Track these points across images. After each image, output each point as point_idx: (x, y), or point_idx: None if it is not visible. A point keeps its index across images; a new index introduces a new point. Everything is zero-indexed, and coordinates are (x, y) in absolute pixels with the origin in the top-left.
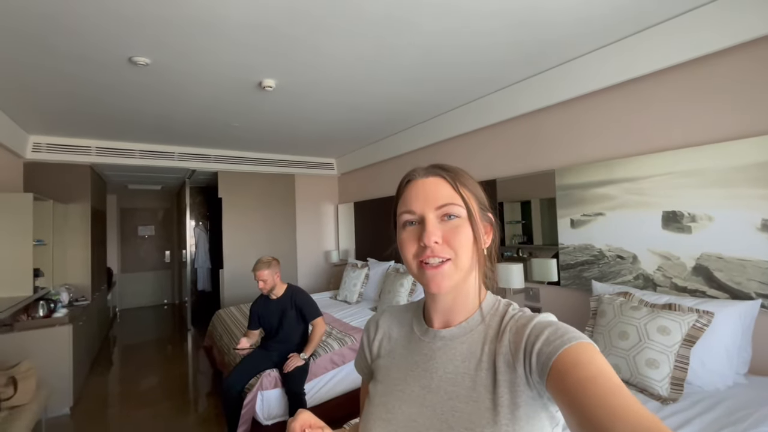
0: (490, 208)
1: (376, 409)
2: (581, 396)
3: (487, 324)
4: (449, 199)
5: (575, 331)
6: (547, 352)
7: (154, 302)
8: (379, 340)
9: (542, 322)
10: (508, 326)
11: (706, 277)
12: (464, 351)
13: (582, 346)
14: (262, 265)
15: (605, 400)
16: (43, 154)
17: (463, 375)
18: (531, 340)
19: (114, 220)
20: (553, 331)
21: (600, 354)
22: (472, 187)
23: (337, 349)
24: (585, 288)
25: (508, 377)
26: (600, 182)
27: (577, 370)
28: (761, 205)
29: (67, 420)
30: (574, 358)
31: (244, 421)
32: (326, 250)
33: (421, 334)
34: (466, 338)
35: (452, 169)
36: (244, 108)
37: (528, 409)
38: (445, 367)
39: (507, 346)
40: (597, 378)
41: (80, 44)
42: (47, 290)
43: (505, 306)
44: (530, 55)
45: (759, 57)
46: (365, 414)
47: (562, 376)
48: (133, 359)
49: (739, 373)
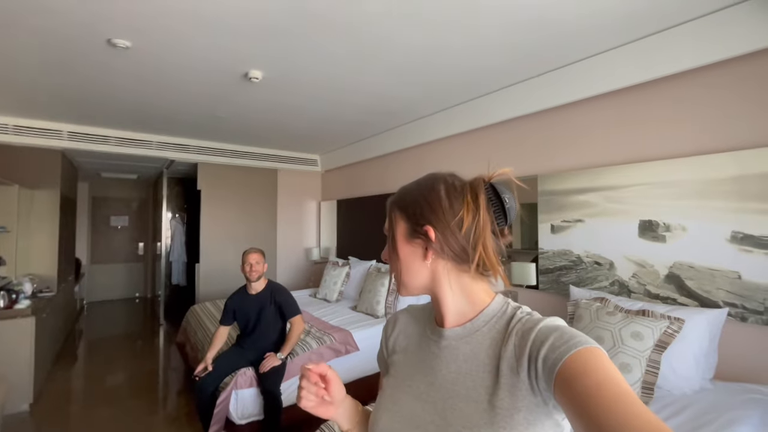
0: (431, 221)
1: (385, 401)
2: (588, 403)
3: (493, 326)
4: (386, 225)
5: (582, 335)
6: (552, 359)
7: (124, 295)
8: (395, 337)
9: (548, 326)
10: (515, 330)
11: (677, 285)
12: (467, 352)
13: (588, 351)
14: (254, 249)
15: (612, 408)
16: (9, 136)
17: (465, 375)
18: (536, 346)
19: (84, 209)
20: (558, 336)
21: (607, 359)
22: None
23: (315, 348)
24: (563, 292)
25: (510, 381)
26: (581, 189)
27: (583, 376)
28: (731, 217)
29: (26, 417)
30: (581, 365)
31: (216, 420)
32: (307, 247)
33: (431, 332)
34: (470, 339)
35: (399, 193)
36: (229, 98)
37: (528, 415)
38: (448, 366)
39: (512, 351)
40: (604, 384)
41: (55, 21)
42: (8, 280)
43: (513, 309)
44: (517, 62)
45: (735, 74)
46: (376, 404)
47: (568, 383)
48: (100, 354)
49: (705, 378)
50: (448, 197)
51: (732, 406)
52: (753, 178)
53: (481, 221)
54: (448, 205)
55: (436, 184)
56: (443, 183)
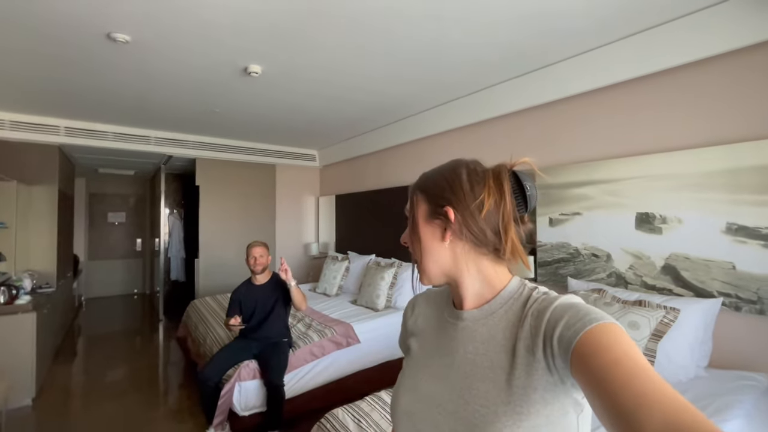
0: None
1: (405, 381)
2: (605, 380)
3: (510, 308)
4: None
5: (597, 311)
6: (567, 336)
7: (123, 291)
8: (415, 319)
9: (563, 304)
10: (531, 310)
11: (673, 276)
12: (484, 333)
13: (604, 327)
14: (258, 242)
15: (630, 384)
16: (6, 131)
17: (482, 356)
18: (551, 324)
19: (82, 205)
20: (574, 313)
21: (625, 334)
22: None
23: (317, 340)
24: (561, 284)
25: (526, 360)
26: (579, 183)
27: (599, 353)
28: (726, 209)
29: (29, 412)
30: (597, 341)
31: (220, 412)
32: (306, 242)
33: (448, 315)
34: (487, 321)
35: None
36: (228, 93)
37: (546, 394)
38: (466, 347)
39: (528, 330)
40: (621, 360)
41: (54, 14)
42: (8, 276)
43: (530, 290)
44: (515, 57)
45: (730, 68)
46: (396, 384)
47: (585, 360)
48: (100, 350)
49: (700, 366)
50: (469, 181)
51: (726, 392)
52: (747, 170)
53: (508, 207)
54: (469, 188)
55: (458, 168)
56: (465, 167)
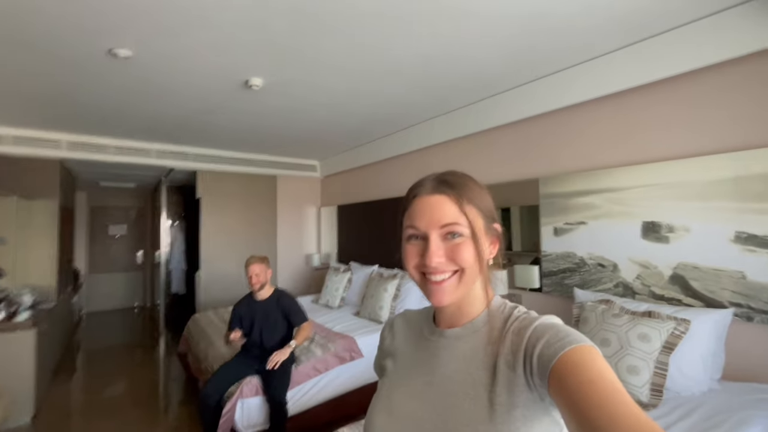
0: (496, 219)
1: (380, 402)
2: (580, 399)
3: (492, 326)
4: (453, 218)
5: (577, 333)
6: (547, 355)
7: (123, 305)
8: (392, 340)
9: (544, 324)
10: (512, 328)
11: (682, 285)
12: (466, 350)
13: (583, 349)
14: (255, 259)
15: (604, 404)
16: (8, 146)
17: (464, 373)
18: (532, 342)
19: (83, 219)
20: (554, 333)
21: (601, 357)
22: (478, 201)
23: (320, 355)
24: (567, 295)
25: (507, 377)
26: (583, 191)
27: (576, 373)
28: (734, 217)
29: (28, 430)
30: (575, 361)
31: (222, 431)
32: (307, 253)
33: (428, 333)
34: (470, 338)
35: (458, 185)
36: (229, 106)
37: (526, 411)
38: (447, 365)
39: (509, 347)
40: (597, 381)
41: (56, 31)
42: (8, 291)
43: (510, 309)
44: (519, 66)
45: (736, 76)
46: (371, 405)
47: (562, 379)
48: (100, 365)
49: (713, 379)
50: None
51: (742, 406)
52: (755, 178)
53: None
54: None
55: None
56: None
